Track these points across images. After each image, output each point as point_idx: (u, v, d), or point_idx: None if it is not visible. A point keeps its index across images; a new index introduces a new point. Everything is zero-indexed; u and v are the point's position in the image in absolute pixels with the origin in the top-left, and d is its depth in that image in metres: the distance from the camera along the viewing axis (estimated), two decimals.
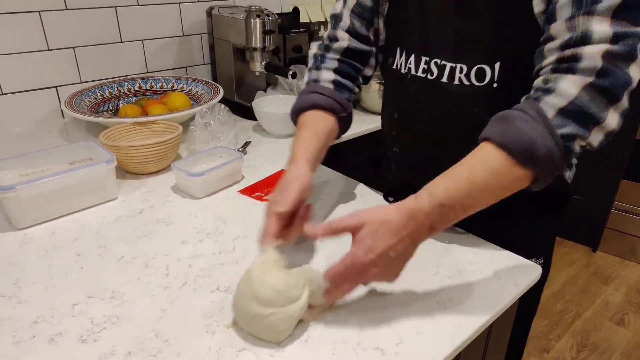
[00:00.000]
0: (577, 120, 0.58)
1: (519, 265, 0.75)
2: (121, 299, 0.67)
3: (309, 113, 0.84)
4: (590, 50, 0.57)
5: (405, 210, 0.59)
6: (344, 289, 0.61)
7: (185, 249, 0.78)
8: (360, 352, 0.58)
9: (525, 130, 0.58)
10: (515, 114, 0.60)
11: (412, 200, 0.61)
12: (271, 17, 1.37)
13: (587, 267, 2.36)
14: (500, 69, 0.70)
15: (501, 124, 0.61)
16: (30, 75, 1.31)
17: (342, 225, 0.61)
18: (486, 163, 0.60)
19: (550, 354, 1.85)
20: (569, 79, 0.58)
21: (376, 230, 0.58)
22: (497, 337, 0.78)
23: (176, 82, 1.45)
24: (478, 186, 0.59)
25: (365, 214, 0.60)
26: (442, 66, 0.76)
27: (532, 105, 0.59)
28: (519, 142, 0.58)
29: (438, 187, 0.60)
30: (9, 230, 0.83)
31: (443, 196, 0.59)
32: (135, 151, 0.99)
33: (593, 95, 0.57)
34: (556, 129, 0.58)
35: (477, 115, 0.74)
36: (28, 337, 0.60)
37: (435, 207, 0.59)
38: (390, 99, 0.90)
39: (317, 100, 0.83)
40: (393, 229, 0.59)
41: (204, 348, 0.58)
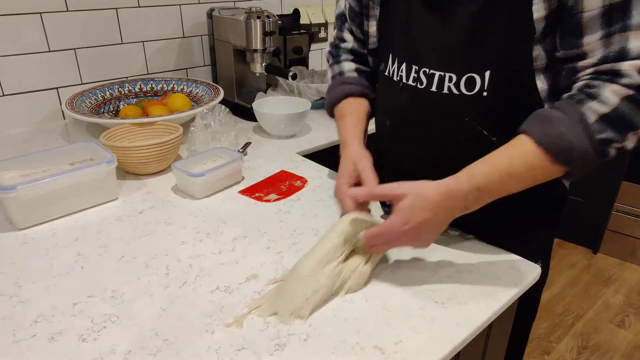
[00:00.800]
0: (616, 127, 0.61)
1: (519, 265, 0.75)
2: (121, 298, 0.67)
3: (344, 102, 0.90)
4: (627, 66, 0.60)
5: (444, 188, 0.64)
6: (378, 248, 0.69)
7: (186, 248, 0.79)
8: (360, 351, 0.58)
9: (566, 134, 0.61)
10: (558, 116, 0.63)
11: (451, 179, 0.65)
12: (271, 19, 1.37)
13: (588, 269, 2.36)
14: (490, 78, 0.70)
15: (543, 123, 0.63)
16: (31, 76, 1.32)
17: (384, 192, 0.67)
18: (525, 157, 0.63)
19: (551, 355, 1.85)
20: (612, 88, 0.61)
21: (414, 203, 0.64)
22: (496, 337, 0.78)
23: (176, 83, 1.45)
24: (514, 177, 0.64)
25: (407, 186, 0.65)
26: (431, 75, 0.76)
27: (575, 109, 0.62)
28: (558, 144, 0.61)
29: (478, 171, 0.64)
30: (10, 230, 0.83)
31: (482, 181, 0.64)
32: (136, 152, 0.99)
33: (632, 105, 0.60)
34: (595, 134, 0.61)
35: (468, 124, 0.74)
36: (28, 336, 0.60)
37: (472, 189, 0.64)
38: (382, 106, 0.90)
39: (348, 90, 0.90)
40: (430, 204, 0.64)
41: (204, 347, 0.59)
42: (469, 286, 0.70)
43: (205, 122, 1.14)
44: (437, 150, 0.78)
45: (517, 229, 0.84)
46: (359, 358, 0.57)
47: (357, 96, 0.90)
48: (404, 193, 0.65)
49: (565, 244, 2.54)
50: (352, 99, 0.90)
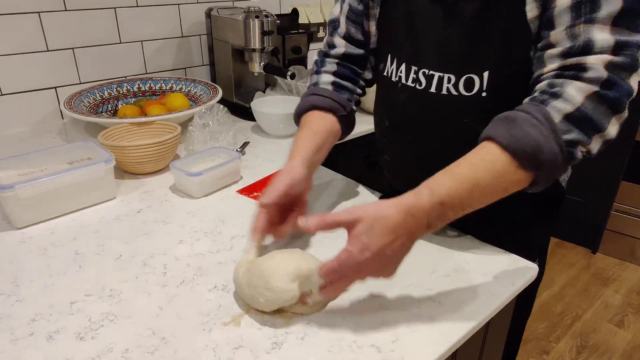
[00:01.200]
0: (581, 127, 0.58)
1: (516, 264, 0.75)
2: (119, 297, 0.67)
3: (308, 114, 0.86)
4: (593, 60, 0.58)
5: (404, 207, 0.58)
6: (339, 286, 0.61)
7: (183, 248, 0.79)
8: (357, 349, 0.58)
9: (532, 134, 0.58)
10: (522, 116, 0.59)
11: (411, 196, 0.59)
12: (270, 18, 1.37)
13: (587, 268, 2.36)
14: (489, 78, 0.70)
15: (507, 125, 0.60)
16: (30, 76, 1.31)
17: (337, 220, 0.59)
18: (489, 164, 0.59)
19: (550, 355, 1.85)
20: (576, 85, 0.58)
21: (372, 226, 0.57)
22: (494, 336, 0.78)
23: (175, 83, 1.45)
24: (479, 187, 0.59)
25: (361, 210, 0.59)
26: (430, 76, 0.75)
27: (539, 109, 0.59)
28: (525, 145, 0.58)
29: (440, 185, 0.59)
30: (8, 230, 0.83)
31: (445, 195, 0.58)
32: (134, 151, 0.99)
33: (598, 104, 0.58)
34: (561, 134, 0.58)
35: (467, 125, 0.73)
36: (26, 334, 0.60)
37: (436, 205, 0.58)
38: (381, 106, 0.90)
39: (314, 102, 0.85)
40: (390, 226, 0.57)
41: (201, 345, 0.59)
42: (466, 285, 0.70)
43: (203, 122, 1.14)
44: (435, 151, 0.78)
45: (514, 228, 0.84)
46: (356, 356, 0.57)
47: (323, 110, 0.84)
48: (359, 217, 0.57)
49: (564, 244, 2.55)
50: (317, 112, 0.85)
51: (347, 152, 1.35)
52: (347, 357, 0.57)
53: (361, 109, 1.59)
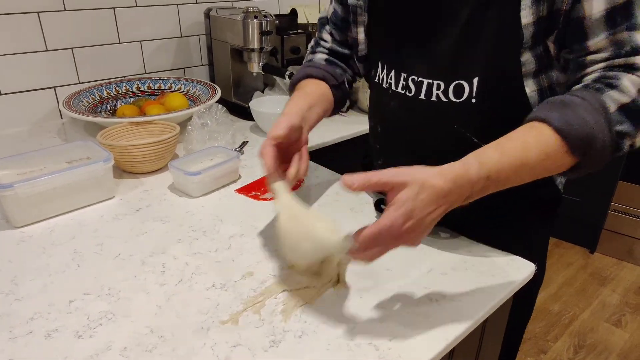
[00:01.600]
0: (633, 119, 0.59)
1: (513, 263, 0.75)
2: (117, 295, 0.67)
3: (303, 82, 0.90)
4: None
5: (451, 177, 0.56)
6: (372, 253, 0.57)
7: (182, 246, 0.79)
8: (354, 348, 0.59)
9: (587, 121, 0.57)
10: (577, 101, 0.58)
11: (458, 166, 0.57)
12: (269, 19, 1.38)
13: (585, 268, 2.37)
14: (479, 85, 0.70)
15: (562, 109, 0.59)
16: (29, 75, 1.32)
17: (383, 180, 0.56)
18: (541, 145, 0.58)
19: (548, 355, 1.86)
20: (631, 78, 0.59)
21: (418, 193, 0.54)
22: (491, 334, 0.78)
23: (174, 82, 1.46)
24: (527, 166, 0.58)
25: (407, 174, 0.55)
26: (419, 83, 0.75)
27: (595, 96, 0.58)
28: (579, 131, 0.57)
29: (490, 158, 0.58)
30: (7, 229, 0.84)
31: (493, 170, 0.57)
32: (133, 150, 1.00)
33: None
34: (614, 124, 0.58)
35: (457, 131, 0.74)
36: (25, 332, 0.61)
37: (482, 178, 0.57)
38: (374, 111, 0.91)
39: (308, 71, 0.90)
40: (436, 194, 0.55)
41: (199, 344, 0.59)
42: (463, 284, 0.71)
43: (202, 121, 1.14)
44: (427, 157, 0.78)
45: (511, 232, 0.84)
46: (353, 354, 0.58)
47: (316, 78, 0.90)
48: (406, 182, 0.55)
49: (562, 244, 2.55)
50: (310, 79, 0.90)
51: (347, 151, 1.35)
52: (345, 355, 0.58)
53: (359, 108, 1.60)
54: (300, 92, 0.86)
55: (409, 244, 0.58)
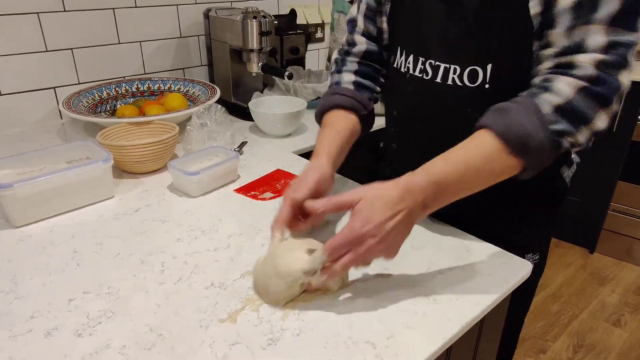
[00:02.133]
0: (569, 119, 0.62)
1: (510, 262, 0.76)
2: (117, 294, 0.68)
3: (331, 113, 0.88)
4: (583, 58, 0.62)
5: (401, 184, 0.63)
6: (344, 262, 0.61)
7: (181, 246, 0.79)
8: (352, 346, 0.59)
9: (521, 123, 0.62)
10: (513, 107, 0.64)
11: (408, 175, 0.64)
12: (268, 19, 1.38)
13: (584, 268, 2.37)
14: (492, 71, 0.72)
15: (499, 114, 0.64)
16: (29, 76, 1.32)
17: (341, 200, 0.64)
18: (482, 149, 0.64)
19: (547, 354, 1.86)
20: (566, 80, 0.62)
21: (372, 203, 0.61)
22: (488, 333, 0.78)
23: (173, 83, 1.46)
24: (471, 170, 0.63)
25: (362, 189, 0.63)
26: (436, 67, 0.78)
27: (529, 100, 0.63)
28: (515, 132, 0.62)
29: (435, 165, 0.64)
30: (7, 228, 0.84)
31: (439, 174, 0.63)
32: (132, 150, 1.00)
33: (586, 98, 0.61)
34: (549, 124, 0.62)
35: (470, 115, 0.75)
36: (25, 331, 0.61)
37: (430, 184, 0.63)
38: (390, 96, 0.93)
39: (338, 101, 0.87)
40: (389, 201, 0.61)
41: (198, 342, 0.59)
42: (461, 282, 0.71)
43: (201, 122, 1.15)
44: (441, 139, 0.79)
45: (517, 225, 0.85)
46: (351, 352, 0.58)
47: (346, 109, 0.87)
48: (361, 196, 0.62)
49: (561, 244, 2.55)
50: (339, 111, 0.87)
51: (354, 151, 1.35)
52: (342, 352, 0.58)
53: None
54: (331, 131, 0.84)
55: (380, 254, 0.64)
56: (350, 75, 0.91)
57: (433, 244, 0.80)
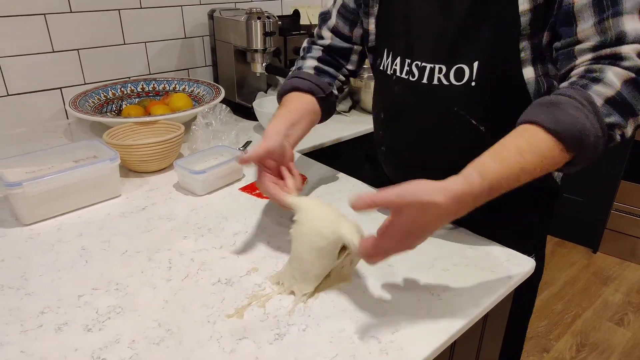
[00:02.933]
0: (620, 111, 0.60)
1: (513, 259, 0.77)
2: (125, 290, 0.69)
3: (288, 95, 0.91)
4: (628, 49, 0.60)
5: (455, 194, 0.55)
6: (376, 259, 0.60)
7: (187, 243, 0.80)
8: (357, 341, 0.60)
9: (577, 118, 0.58)
10: (565, 100, 0.60)
11: (461, 183, 0.56)
12: (272, 20, 1.39)
13: (587, 268, 2.37)
14: (479, 68, 0.73)
15: (550, 109, 0.60)
16: (36, 76, 1.34)
17: (385, 201, 0.56)
18: (536, 148, 0.59)
19: (550, 353, 1.86)
20: (615, 70, 0.60)
21: (419, 215, 0.55)
22: (492, 329, 0.79)
23: (178, 83, 1.47)
24: (527, 170, 0.59)
25: (410, 194, 0.55)
26: (422, 68, 0.78)
27: (581, 93, 0.60)
28: (571, 129, 0.58)
29: (489, 170, 0.58)
30: (16, 226, 0.85)
31: (495, 180, 0.58)
32: (139, 150, 1.01)
33: (634, 89, 0.60)
34: (604, 117, 0.60)
35: (457, 114, 0.76)
36: (35, 326, 0.62)
37: (485, 190, 0.58)
38: (378, 99, 0.94)
39: (295, 84, 0.90)
40: (437, 214, 0.56)
41: (206, 337, 0.60)
42: (465, 279, 0.72)
43: (206, 121, 1.16)
44: (428, 140, 0.81)
45: (511, 225, 0.85)
46: (356, 347, 0.59)
47: (302, 91, 0.90)
48: (409, 202, 0.55)
49: (564, 243, 2.55)
50: (296, 93, 0.90)
51: (348, 150, 1.36)
52: (348, 347, 0.59)
53: (361, 108, 1.61)
54: (283, 110, 0.86)
55: (407, 250, 0.60)
56: (312, 61, 0.95)
57: (436, 242, 0.81)
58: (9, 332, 0.61)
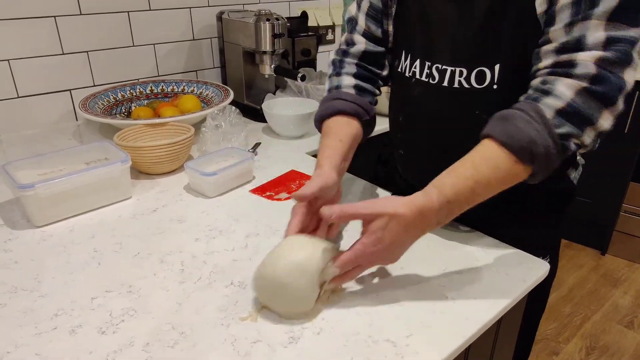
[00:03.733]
0: (573, 121, 0.61)
1: (527, 261, 0.76)
2: (138, 293, 0.69)
3: (332, 119, 0.84)
4: (583, 56, 0.61)
5: (417, 207, 0.62)
6: (352, 275, 0.66)
7: (199, 245, 0.80)
8: (372, 344, 0.59)
9: (526, 130, 0.61)
10: (516, 114, 0.63)
11: (421, 197, 0.63)
12: (280, 21, 1.39)
13: (596, 270, 2.36)
14: (500, 71, 0.72)
15: (503, 123, 0.64)
16: (46, 78, 1.34)
17: (356, 213, 0.64)
18: (489, 161, 0.63)
19: (559, 356, 1.85)
20: (565, 82, 0.62)
21: (387, 224, 0.62)
22: (505, 332, 0.78)
23: (187, 85, 1.47)
24: (481, 183, 0.63)
25: (378, 206, 0.63)
26: (443, 70, 0.77)
27: (532, 106, 0.63)
28: (520, 141, 0.61)
29: (445, 184, 0.64)
30: (28, 228, 0.85)
31: (451, 194, 0.63)
32: (149, 152, 1.01)
33: (587, 98, 0.61)
34: (554, 128, 0.61)
35: (478, 117, 0.75)
36: (49, 328, 0.62)
37: (444, 204, 0.63)
38: (395, 102, 0.92)
39: (340, 107, 0.83)
40: (403, 224, 0.62)
41: (219, 339, 0.60)
42: (479, 282, 0.71)
43: (216, 123, 1.16)
44: (448, 144, 0.80)
45: (525, 226, 0.85)
46: (371, 351, 0.59)
47: (348, 115, 0.83)
48: (377, 213, 0.62)
49: (573, 245, 2.54)
50: (342, 117, 0.83)
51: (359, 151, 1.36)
52: (363, 351, 0.58)
53: None
54: (334, 140, 0.80)
55: (384, 262, 0.69)
56: (350, 78, 0.88)
57: (450, 245, 0.80)
58: (24, 335, 0.61)
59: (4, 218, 0.89)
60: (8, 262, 0.76)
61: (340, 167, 0.79)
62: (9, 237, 0.83)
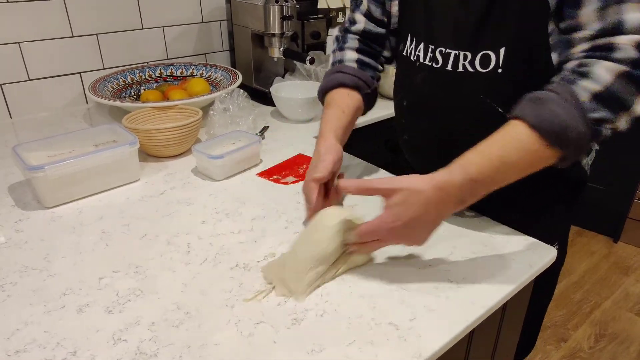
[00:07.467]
0: (609, 106, 0.59)
1: (534, 247, 0.75)
2: (144, 273, 0.70)
3: (334, 91, 0.87)
4: (624, 40, 0.58)
5: (438, 182, 0.61)
6: (371, 247, 0.67)
7: (206, 228, 0.81)
8: (375, 327, 0.60)
9: (558, 114, 0.59)
10: (550, 96, 0.61)
11: (444, 173, 0.62)
12: (290, 3, 1.38)
13: (608, 257, 2.33)
14: (505, 55, 0.71)
15: (535, 105, 0.61)
16: (55, 61, 1.35)
17: (375, 187, 0.64)
18: (518, 143, 0.61)
19: (568, 343, 1.85)
20: (605, 65, 0.59)
21: (406, 199, 0.61)
22: (511, 318, 0.78)
23: (196, 68, 1.47)
24: (508, 164, 0.61)
25: (397, 181, 0.63)
26: (446, 54, 0.76)
27: (567, 88, 0.60)
28: (552, 125, 0.59)
29: (471, 162, 0.62)
30: (39, 209, 0.87)
31: (475, 172, 0.61)
32: (157, 134, 1.02)
33: (627, 83, 0.58)
34: (588, 112, 0.59)
35: (483, 102, 0.74)
36: (58, 307, 0.63)
37: (467, 182, 0.61)
38: (400, 86, 0.92)
39: (342, 79, 0.87)
40: (422, 200, 0.61)
41: (224, 320, 0.61)
42: (484, 267, 0.71)
43: (224, 106, 1.15)
44: (452, 128, 0.79)
45: (535, 213, 0.84)
46: (374, 333, 0.59)
47: (349, 87, 0.87)
48: (396, 188, 0.62)
49: (585, 232, 2.51)
50: (343, 89, 0.87)
51: (367, 136, 1.35)
52: (366, 334, 0.59)
53: (380, 94, 1.59)
54: (336, 111, 0.84)
55: (407, 242, 0.67)
56: (352, 52, 0.91)
57: (457, 229, 0.80)
58: (34, 312, 0.62)
59: (15, 199, 0.90)
60: (19, 242, 0.77)
61: (342, 138, 0.82)
62: (20, 217, 0.84)
